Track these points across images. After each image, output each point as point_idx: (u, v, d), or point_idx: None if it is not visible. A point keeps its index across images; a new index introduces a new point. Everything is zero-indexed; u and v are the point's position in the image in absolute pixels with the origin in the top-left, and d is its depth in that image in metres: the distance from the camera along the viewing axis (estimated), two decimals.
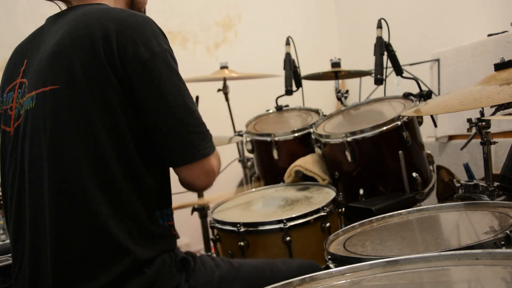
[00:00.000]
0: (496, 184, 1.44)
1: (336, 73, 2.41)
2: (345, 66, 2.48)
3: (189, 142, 1.06)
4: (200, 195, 2.28)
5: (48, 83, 1.02)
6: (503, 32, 2.43)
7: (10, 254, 1.49)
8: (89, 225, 1.00)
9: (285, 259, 1.46)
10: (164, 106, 1.04)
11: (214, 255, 1.92)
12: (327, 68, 2.43)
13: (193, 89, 1.16)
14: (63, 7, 1.19)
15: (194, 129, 1.07)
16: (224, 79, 2.59)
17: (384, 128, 1.77)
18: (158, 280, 1.04)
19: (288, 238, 1.51)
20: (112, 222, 1.00)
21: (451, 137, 2.69)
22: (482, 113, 1.41)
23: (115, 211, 1.01)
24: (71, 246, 1.00)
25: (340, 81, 2.49)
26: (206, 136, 1.10)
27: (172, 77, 1.05)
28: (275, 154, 2.15)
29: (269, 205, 1.82)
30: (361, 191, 1.84)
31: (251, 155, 2.47)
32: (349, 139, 1.81)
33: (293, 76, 2.38)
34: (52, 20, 1.15)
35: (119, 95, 1.01)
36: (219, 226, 1.64)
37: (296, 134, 2.16)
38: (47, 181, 1.01)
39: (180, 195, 1.70)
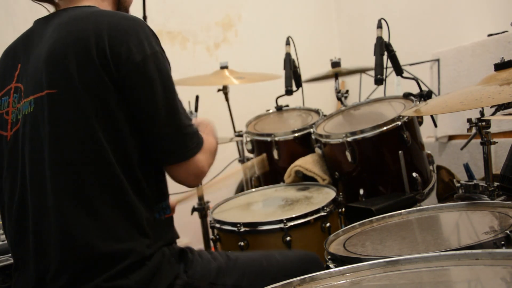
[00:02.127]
0: (496, 184, 1.43)
1: (336, 73, 2.41)
2: (345, 66, 2.48)
3: (175, 144, 1.10)
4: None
5: (45, 88, 1.03)
6: (503, 32, 2.43)
7: (10, 254, 1.49)
8: (93, 225, 1.02)
9: (282, 250, 1.47)
10: (154, 108, 1.06)
11: None
12: (327, 68, 2.43)
13: (193, 89, 1.17)
14: (51, 9, 1.19)
15: (182, 131, 1.10)
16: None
17: (384, 128, 1.77)
18: (159, 271, 1.06)
19: (288, 238, 1.51)
20: (114, 220, 1.03)
21: (451, 137, 2.69)
22: (482, 113, 1.41)
23: (116, 209, 1.03)
24: (76, 246, 1.01)
25: (340, 81, 2.49)
26: (192, 137, 1.13)
27: (163, 78, 1.07)
28: (275, 154, 2.15)
29: (269, 205, 1.82)
30: (361, 191, 1.84)
31: (251, 155, 2.46)
32: (349, 139, 1.81)
33: (293, 76, 2.38)
34: (42, 22, 1.16)
35: (114, 97, 1.03)
36: (219, 226, 1.64)
37: (296, 134, 2.16)
38: (49, 184, 1.02)
39: (179, 195, 1.70)
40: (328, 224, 1.58)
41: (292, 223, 1.53)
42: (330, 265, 1.05)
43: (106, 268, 1.01)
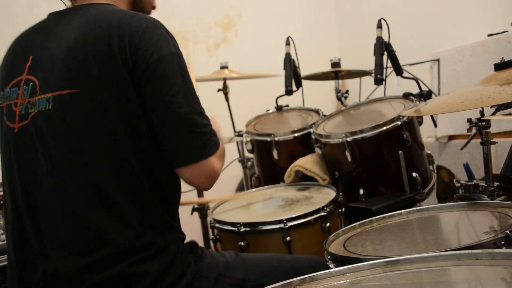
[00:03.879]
0: (496, 184, 1.43)
1: (336, 73, 2.41)
2: (345, 66, 2.48)
3: (190, 143, 1.09)
4: (200, 195, 2.28)
5: (66, 87, 1.04)
6: (503, 32, 2.43)
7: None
8: (113, 223, 1.04)
9: (294, 255, 1.48)
10: (169, 108, 1.06)
11: None
12: (327, 68, 2.43)
13: None
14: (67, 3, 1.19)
15: (197, 130, 1.09)
16: (224, 79, 2.59)
17: (384, 128, 1.77)
18: (174, 260, 1.10)
19: (288, 238, 1.51)
20: (135, 219, 1.05)
21: (451, 137, 2.69)
22: (482, 113, 1.41)
23: (138, 209, 1.06)
24: (98, 242, 1.04)
25: (340, 81, 2.49)
26: (210, 137, 1.12)
27: (180, 78, 1.08)
28: (275, 154, 2.15)
29: (269, 205, 1.82)
30: (361, 191, 1.84)
31: (251, 155, 2.47)
32: (349, 139, 1.81)
33: (293, 76, 2.38)
34: (57, 16, 1.15)
35: (134, 96, 1.05)
36: (219, 226, 1.64)
37: (296, 134, 2.16)
38: (71, 185, 1.04)
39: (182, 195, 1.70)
40: (328, 224, 1.58)
41: (292, 223, 1.53)
42: (330, 265, 1.05)
43: (127, 258, 1.03)
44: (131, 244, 1.04)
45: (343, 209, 1.69)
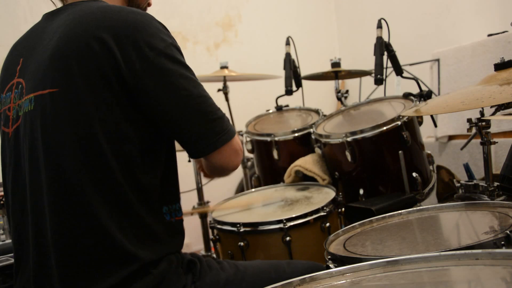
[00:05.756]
0: (496, 184, 1.43)
1: (336, 73, 2.41)
2: (345, 66, 2.48)
3: (212, 130, 1.07)
4: (200, 195, 2.28)
5: (47, 86, 1.01)
6: (503, 32, 2.43)
7: (10, 254, 1.50)
8: (91, 229, 0.99)
9: (291, 261, 1.45)
10: (180, 101, 1.04)
11: (214, 255, 1.92)
12: (327, 68, 2.43)
13: None
14: (58, 4, 1.18)
15: (213, 116, 1.08)
16: (224, 79, 2.59)
17: (384, 128, 1.77)
18: (164, 281, 1.04)
19: (288, 238, 1.51)
20: (114, 225, 0.99)
21: (451, 137, 2.69)
22: (482, 113, 1.41)
23: (116, 213, 1.00)
24: (74, 249, 0.99)
25: (340, 81, 2.49)
26: (225, 119, 1.11)
27: (180, 70, 1.05)
28: (275, 154, 2.15)
29: (269, 205, 1.82)
30: (361, 191, 1.84)
31: (251, 155, 2.47)
32: (349, 139, 1.81)
33: (293, 76, 2.38)
34: (48, 17, 1.13)
35: (119, 97, 1.00)
36: (219, 226, 1.64)
37: (296, 134, 2.16)
38: (45, 185, 1.01)
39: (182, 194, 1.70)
40: (327, 224, 1.58)
41: (291, 223, 1.52)
42: (330, 265, 1.05)
43: (107, 275, 0.98)
44: (107, 253, 0.98)
45: (343, 209, 1.69)
